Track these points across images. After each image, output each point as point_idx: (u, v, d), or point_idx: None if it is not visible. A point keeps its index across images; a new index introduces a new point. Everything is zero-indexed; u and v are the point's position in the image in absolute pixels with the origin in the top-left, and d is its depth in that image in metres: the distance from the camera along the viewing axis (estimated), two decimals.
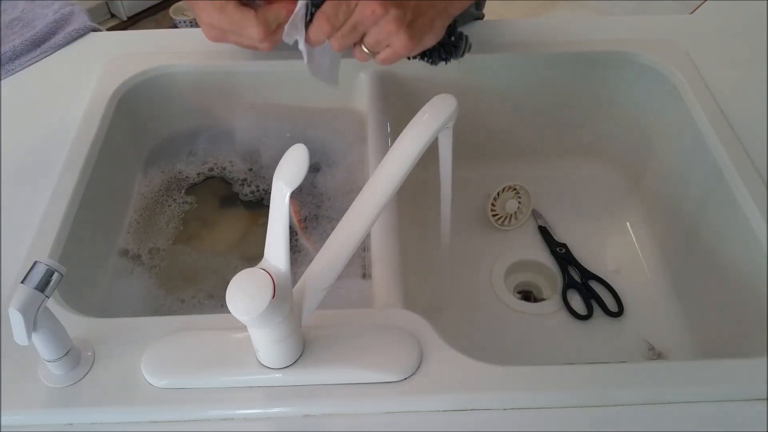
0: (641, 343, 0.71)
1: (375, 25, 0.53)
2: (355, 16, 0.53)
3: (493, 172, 0.85)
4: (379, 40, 0.54)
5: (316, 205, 0.73)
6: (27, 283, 0.42)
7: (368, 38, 0.54)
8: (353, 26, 0.53)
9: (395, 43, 0.54)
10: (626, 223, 0.82)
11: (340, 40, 0.54)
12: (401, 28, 0.53)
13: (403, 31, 0.53)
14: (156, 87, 0.76)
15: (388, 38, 0.54)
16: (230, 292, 0.40)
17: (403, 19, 0.53)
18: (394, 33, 0.53)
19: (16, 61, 0.77)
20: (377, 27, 0.53)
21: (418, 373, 0.48)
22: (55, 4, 0.84)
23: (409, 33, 0.53)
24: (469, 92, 0.79)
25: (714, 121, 0.67)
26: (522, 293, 0.79)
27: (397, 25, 0.53)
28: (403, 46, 0.54)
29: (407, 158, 0.48)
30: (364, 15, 0.52)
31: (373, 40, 0.54)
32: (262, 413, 0.47)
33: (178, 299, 0.66)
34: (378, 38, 0.54)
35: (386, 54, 0.55)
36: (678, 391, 0.48)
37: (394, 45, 0.54)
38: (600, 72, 0.79)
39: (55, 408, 0.47)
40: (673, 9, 0.98)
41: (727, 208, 0.63)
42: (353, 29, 0.54)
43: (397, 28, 0.53)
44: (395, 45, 0.54)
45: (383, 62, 0.56)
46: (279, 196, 0.42)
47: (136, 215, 0.73)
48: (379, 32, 0.54)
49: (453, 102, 0.50)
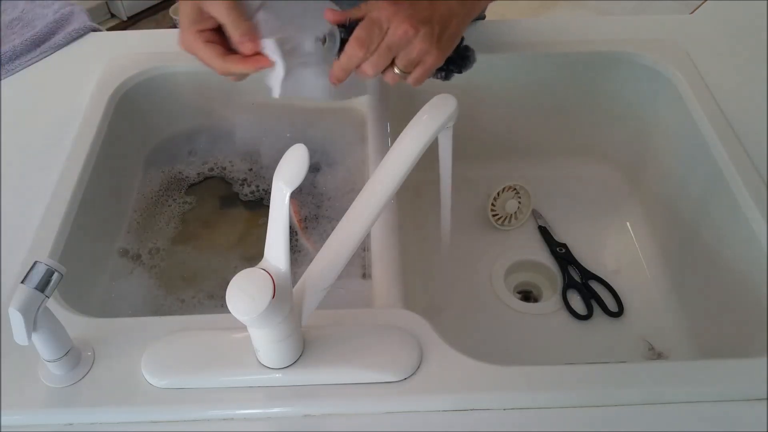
0: (641, 343, 0.71)
1: (408, 45, 0.53)
2: (388, 39, 0.53)
3: (493, 172, 0.85)
4: (412, 59, 0.54)
5: (316, 205, 0.73)
6: (27, 283, 0.42)
7: (400, 59, 0.54)
8: (387, 48, 0.53)
9: (427, 60, 0.54)
10: (626, 223, 0.82)
11: (375, 64, 0.54)
12: (433, 44, 0.53)
13: (434, 46, 0.53)
14: (156, 87, 0.76)
15: (421, 56, 0.54)
16: (230, 292, 0.40)
17: (433, 35, 0.53)
18: (426, 51, 0.53)
19: (16, 61, 0.77)
20: (410, 46, 0.53)
21: (418, 373, 0.48)
22: (55, 4, 0.84)
23: (438, 47, 0.54)
24: (469, 92, 0.79)
25: (714, 121, 0.67)
26: (522, 293, 0.79)
27: (429, 43, 0.53)
28: (434, 62, 0.54)
29: (407, 158, 0.48)
30: (397, 36, 0.52)
31: (405, 60, 0.54)
32: (262, 413, 0.47)
33: (178, 299, 0.66)
34: (410, 58, 0.54)
35: (418, 73, 0.55)
36: (678, 391, 0.48)
37: (426, 62, 0.55)
38: (600, 72, 0.79)
39: (55, 408, 0.47)
40: (673, 9, 0.98)
41: (727, 208, 0.63)
42: (387, 51, 0.53)
43: (429, 46, 0.53)
44: (427, 62, 0.55)
45: (416, 82, 0.56)
46: (279, 196, 0.42)
47: (136, 215, 0.73)
48: (411, 52, 0.54)
49: (453, 102, 0.50)
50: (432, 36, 0.53)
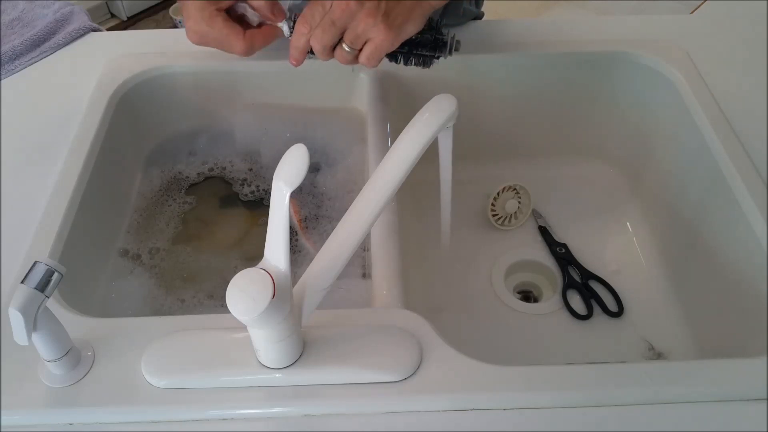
0: (641, 343, 0.71)
1: (352, 20, 0.54)
2: (331, 14, 0.54)
3: (493, 172, 0.85)
4: (358, 34, 0.55)
5: (316, 205, 0.73)
6: (27, 283, 0.42)
7: (347, 35, 0.55)
8: (330, 23, 0.54)
9: (375, 37, 0.55)
10: (626, 223, 0.82)
11: (320, 39, 0.55)
12: (377, 18, 0.53)
13: (381, 21, 0.53)
14: (156, 87, 0.76)
15: (366, 31, 0.54)
16: (230, 292, 0.40)
17: (378, 9, 0.53)
18: (372, 24, 0.54)
19: (16, 61, 0.77)
20: (354, 21, 0.54)
21: (418, 373, 0.48)
22: (55, 4, 0.84)
23: (386, 23, 0.54)
24: (469, 92, 0.79)
25: (714, 121, 0.67)
26: (522, 293, 0.79)
27: (373, 16, 0.53)
28: (383, 38, 0.55)
29: (407, 158, 0.48)
30: (340, 9, 0.53)
31: (351, 35, 0.55)
32: (262, 413, 0.47)
33: (178, 299, 0.66)
34: (356, 32, 0.54)
35: (368, 50, 0.56)
36: (678, 391, 0.48)
37: (373, 38, 0.55)
38: (600, 72, 0.79)
39: (55, 408, 0.47)
40: (673, 9, 0.98)
41: (727, 208, 0.63)
42: (331, 26, 0.54)
43: (373, 19, 0.53)
44: (375, 38, 0.55)
45: (368, 61, 0.56)
46: (279, 196, 0.42)
47: (136, 215, 0.73)
48: (356, 26, 0.54)
49: (453, 102, 0.50)
50: (377, 10, 0.53)
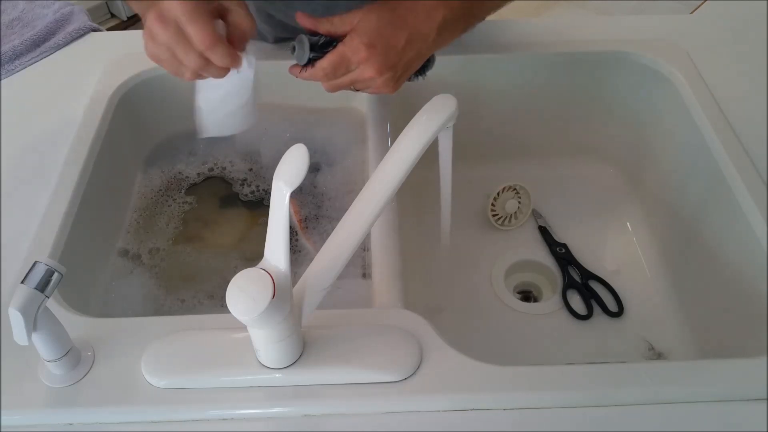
0: (641, 343, 0.71)
1: (369, 85, 0.56)
2: (353, 75, 0.55)
3: (493, 172, 0.85)
4: (367, 90, 0.58)
5: (316, 205, 0.73)
6: (27, 283, 0.42)
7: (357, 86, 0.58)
8: (350, 81, 0.56)
9: (381, 92, 0.57)
10: (626, 223, 0.82)
11: (334, 86, 0.57)
12: (390, 85, 0.56)
13: (391, 86, 0.57)
14: (156, 87, 0.76)
15: (376, 91, 0.57)
16: (230, 292, 0.40)
17: (394, 79, 0.56)
18: (383, 88, 0.57)
19: (16, 61, 0.77)
20: (371, 85, 0.56)
21: (418, 373, 0.48)
22: (55, 4, 0.84)
23: (395, 87, 0.57)
24: (469, 92, 0.79)
25: (714, 121, 0.67)
26: (522, 293, 0.79)
27: (388, 85, 0.56)
28: (387, 92, 0.58)
29: (407, 158, 0.48)
30: (362, 78, 0.55)
31: (362, 88, 0.58)
32: (262, 413, 0.47)
33: (178, 299, 0.66)
34: (367, 89, 0.58)
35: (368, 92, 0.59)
36: (678, 391, 0.48)
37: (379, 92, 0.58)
38: (600, 72, 0.79)
39: (55, 408, 0.47)
40: (673, 9, 0.98)
41: (727, 208, 0.63)
42: (349, 83, 0.57)
43: (386, 87, 0.56)
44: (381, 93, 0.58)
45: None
46: (279, 196, 0.42)
47: (136, 215, 0.73)
48: (369, 88, 0.57)
49: (453, 102, 0.50)
50: (393, 80, 0.56)
